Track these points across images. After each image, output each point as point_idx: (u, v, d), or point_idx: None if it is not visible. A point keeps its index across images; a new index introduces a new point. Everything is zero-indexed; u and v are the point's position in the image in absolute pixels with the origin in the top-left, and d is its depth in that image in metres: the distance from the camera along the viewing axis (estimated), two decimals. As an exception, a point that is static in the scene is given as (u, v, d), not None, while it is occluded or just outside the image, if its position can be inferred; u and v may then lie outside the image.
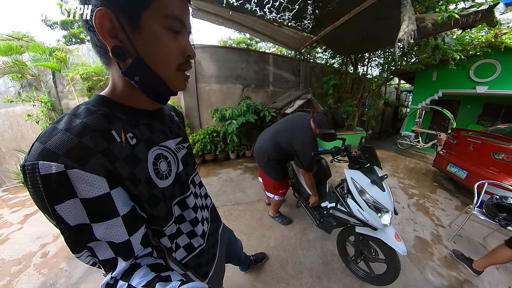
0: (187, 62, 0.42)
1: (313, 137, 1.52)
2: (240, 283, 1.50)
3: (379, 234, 1.27)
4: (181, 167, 0.53)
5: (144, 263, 0.39)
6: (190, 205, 0.55)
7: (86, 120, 0.35)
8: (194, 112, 4.31)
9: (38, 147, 0.31)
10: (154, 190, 0.42)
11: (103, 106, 0.39)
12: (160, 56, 0.38)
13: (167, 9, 0.36)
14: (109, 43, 0.34)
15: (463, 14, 2.31)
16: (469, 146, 2.86)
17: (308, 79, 5.44)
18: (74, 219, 0.32)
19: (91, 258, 0.37)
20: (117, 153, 0.36)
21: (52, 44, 3.89)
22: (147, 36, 0.36)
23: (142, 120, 0.44)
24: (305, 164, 1.54)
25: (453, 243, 1.90)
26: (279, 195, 1.90)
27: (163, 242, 0.48)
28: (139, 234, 0.40)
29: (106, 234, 0.35)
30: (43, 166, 0.29)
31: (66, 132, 0.32)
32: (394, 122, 9.19)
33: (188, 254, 0.55)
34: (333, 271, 1.59)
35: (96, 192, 0.33)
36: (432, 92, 5.42)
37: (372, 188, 1.26)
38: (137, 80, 0.38)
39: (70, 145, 0.31)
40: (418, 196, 2.84)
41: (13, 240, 2.18)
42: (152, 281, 0.35)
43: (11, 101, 3.70)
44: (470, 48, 4.11)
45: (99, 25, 0.33)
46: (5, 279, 1.67)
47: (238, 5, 3.09)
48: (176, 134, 0.55)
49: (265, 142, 1.74)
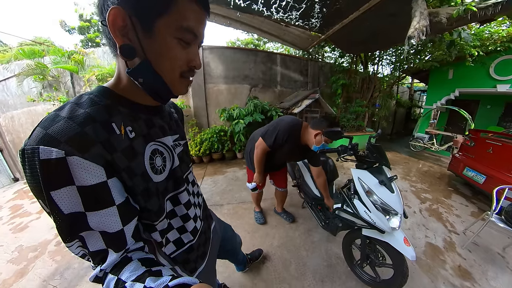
0: (191, 71, 0.43)
1: (292, 128, 1.46)
2: (242, 281, 1.50)
3: (386, 238, 1.23)
4: (177, 163, 0.53)
5: (135, 257, 0.39)
6: (182, 201, 0.55)
7: (88, 110, 0.35)
8: (203, 111, 4.39)
9: (40, 132, 0.31)
10: (149, 184, 0.43)
11: (106, 97, 0.39)
12: (167, 62, 0.38)
13: (183, 21, 0.36)
14: (118, 41, 0.35)
15: (481, 7, 2.18)
16: (488, 148, 2.70)
17: (316, 79, 5.36)
18: (69, 206, 0.32)
19: (81, 249, 0.37)
20: (116, 145, 0.37)
21: (70, 48, 4.13)
22: (157, 42, 0.36)
23: (142, 115, 0.45)
24: (265, 136, 1.49)
25: (468, 251, 1.78)
26: (248, 181, 1.84)
27: (154, 236, 0.48)
28: (132, 225, 0.40)
29: (100, 223, 0.35)
30: (44, 151, 0.30)
31: (69, 120, 0.33)
32: (407, 123, 8.84)
33: (177, 249, 0.55)
34: (337, 275, 1.55)
35: (93, 180, 0.33)
36: (448, 91, 5.14)
37: (380, 189, 1.21)
38: (141, 81, 0.39)
39: (72, 133, 0.32)
40: (431, 201, 2.71)
41: (31, 228, 2.34)
42: (143, 275, 0.34)
43: (33, 100, 3.96)
44: (490, 44, 3.86)
45: (111, 22, 0.33)
46: (22, 263, 1.81)
47: (245, 6, 3.11)
48: (174, 131, 0.56)
49: (255, 135, 1.74)
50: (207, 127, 4.41)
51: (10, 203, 3.15)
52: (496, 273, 1.57)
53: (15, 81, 3.92)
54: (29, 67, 3.72)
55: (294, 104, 4.16)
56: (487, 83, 4.41)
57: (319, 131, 1.38)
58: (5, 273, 1.70)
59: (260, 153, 1.54)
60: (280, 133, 1.44)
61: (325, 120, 1.38)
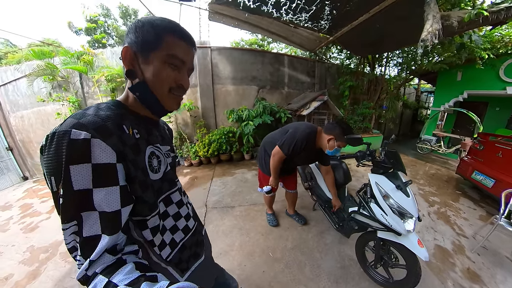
0: (179, 88, 0.53)
1: (308, 136, 1.50)
2: (258, 283, 1.53)
3: (402, 240, 1.25)
4: (169, 167, 0.63)
5: (130, 260, 0.41)
6: (174, 200, 0.64)
7: (108, 113, 0.46)
8: (211, 112, 4.42)
9: (72, 121, 0.40)
10: (146, 178, 0.51)
11: (118, 107, 0.51)
12: (157, 81, 0.50)
13: (169, 51, 0.49)
14: (126, 67, 0.49)
15: (493, 11, 2.17)
16: (497, 152, 2.69)
17: (323, 80, 5.36)
18: (80, 182, 0.38)
19: (74, 236, 0.38)
20: (126, 141, 0.46)
21: (78, 49, 4.16)
22: (151, 67, 0.49)
23: (143, 123, 0.56)
24: (282, 145, 1.54)
25: (477, 255, 1.80)
26: (260, 187, 1.91)
27: (144, 234, 0.52)
28: (127, 211, 0.45)
29: (103, 200, 0.40)
30: (75, 133, 0.38)
31: (95, 116, 0.43)
32: (413, 125, 8.77)
33: (172, 250, 0.59)
34: (351, 276, 1.57)
35: (107, 159, 0.41)
36: (456, 93, 5.11)
37: (397, 194, 1.24)
38: (137, 95, 0.52)
39: (97, 125, 0.41)
40: (439, 204, 2.71)
41: (42, 229, 2.38)
42: (138, 280, 0.35)
43: (43, 100, 4.02)
44: (500, 46, 3.84)
45: (123, 56, 0.49)
46: (34, 265, 1.82)
47: (255, 8, 3.12)
48: (167, 143, 0.68)
49: (269, 140, 1.78)
50: (215, 128, 4.44)
51: (20, 202, 3.21)
52: (505, 276, 1.58)
53: (26, 82, 3.98)
54: (39, 67, 3.77)
55: (302, 106, 4.18)
56: (496, 85, 4.38)
57: (331, 136, 1.41)
58: (17, 275, 1.71)
59: (277, 161, 1.60)
60: (298, 142, 1.49)
61: (338, 126, 1.40)
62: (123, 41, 0.53)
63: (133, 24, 0.50)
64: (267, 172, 1.76)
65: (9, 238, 2.25)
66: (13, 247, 2.08)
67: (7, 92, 4.48)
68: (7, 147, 4.53)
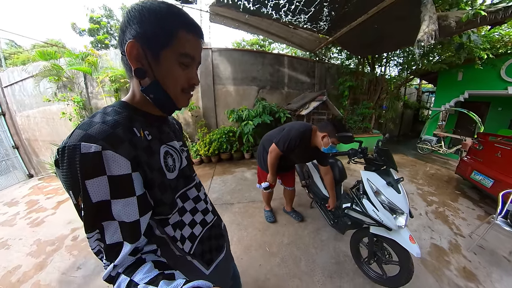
0: (191, 87, 0.52)
1: (303, 134, 1.55)
2: (254, 275, 1.58)
3: (393, 235, 1.29)
4: (185, 163, 0.62)
5: (149, 259, 0.43)
6: (191, 196, 0.63)
7: (116, 117, 0.44)
8: (211, 112, 4.49)
9: (81, 133, 0.38)
10: (164, 179, 0.51)
11: (126, 109, 0.49)
12: (171, 82, 0.48)
13: (182, 50, 0.46)
14: (134, 65, 0.45)
15: (491, 11, 2.18)
16: (497, 152, 2.69)
17: (323, 81, 5.39)
18: (98, 195, 0.38)
19: (98, 242, 0.40)
20: (138, 145, 0.45)
21: (80, 49, 4.27)
22: (164, 66, 0.46)
23: (154, 123, 0.54)
24: (278, 142, 1.60)
25: (473, 254, 1.81)
26: (260, 182, 1.99)
27: (167, 231, 0.53)
28: (146, 218, 0.45)
29: (121, 211, 0.40)
30: (85, 146, 0.37)
31: (102, 124, 0.41)
32: (414, 125, 8.73)
33: (192, 244, 0.60)
34: (345, 271, 1.61)
35: (121, 171, 0.40)
36: (457, 93, 5.09)
37: (388, 190, 1.28)
38: (152, 96, 0.49)
39: (106, 134, 0.39)
40: (437, 204, 2.73)
41: (48, 223, 2.45)
42: (156, 278, 0.37)
43: (48, 100, 4.13)
44: (500, 46, 3.83)
45: (128, 52, 0.43)
46: (41, 257, 1.90)
47: (254, 9, 3.18)
48: (179, 138, 0.66)
49: (267, 138, 1.85)
50: (215, 128, 4.50)
51: (26, 198, 3.31)
52: (501, 276, 1.59)
53: (32, 82, 4.09)
54: (45, 68, 3.88)
55: (301, 106, 4.21)
56: (498, 85, 4.36)
57: (325, 134, 1.46)
58: (25, 266, 1.79)
59: (274, 158, 1.67)
60: (292, 140, 1.55)
61: (330, 124, 1.45)
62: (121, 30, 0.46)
63: (135, 12, 0.44)
64: (265, 169, 1.82)
65: (17, 232, 2.33)
66: (20, 240, 2.16)
67: (14, 92, 4.61)
68: (13, 146, 4.66)
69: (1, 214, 2.78)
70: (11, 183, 4.22)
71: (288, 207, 2.27)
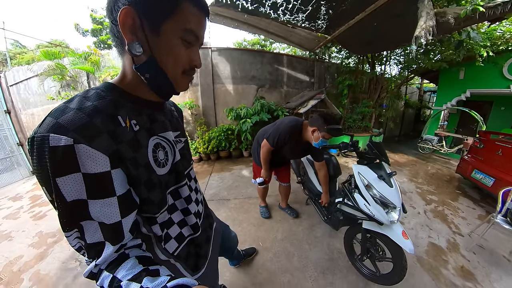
0: (192, 69, 0.46)
1: (293, 129, 1.56)
2: (247, 269, 1.58)
3: (385, 231, 1.27)
4: (178, 157, 0.55)
5: (132, 255, 0.39)
6: (183, 195, 0.57)
7: (96, 103, 0.37)
8: (211, 111, 4.52)
9: (50, 121, 0.32)
10: (152, 175, 0.44)
11: (112, 92, 0.42)
12: (171, 60, 0.41)
13: (187, 24, 0.40)
14: (128, 38, 0.38)
15: (489, 6, 2.15)
16: (497, 150, 2.65)
17: (323, 79, 5.38)
18: (72, 193, 0.33)
19: (79, 240, 0.37)
20: (121, 136, 0.39)
21: (83, 49, 4.35)
22: (163, 41, 0.39)
23: (145, 110, 0.47)
24: (268, 137, 1.61)
25: (472, 254, 1.78)
26: (254, 178, 2.00)
27: (154, 229, 0.48)
28: (130, 219, 0.40)
29: (100, 212, 0.36)
30: (53, 138, 0.31)
31: (78, 111, 0.34)
32: (416, 125, 8.64)
33: (179, 244, 0.55)
34: (338, 268, 1.60)
35: (98, 168, 0.34)
36: (458, 92, 5.02)
37: (379, 184, 1.27)
38: (147, 76, 0.42)
39: (80, 123, 0.33)
40: (436, 203, 2.69)
41: (49, 217, 2.52)
42: (140, 274, 0.34)
43: (52, 98, 4.22)
44: (501, 43, 3.76)
45: (122, 20, 0.36)
46: (42, 247, 1.97)
47: (252, 9, 3.21)
48: (175, 128, 0.58)
49: (261, 134, 1.86)
50: (215, 126, 4.53)
51: (29, 194, 3.38)
52: (500, 275, 1.56)
53: (37, 81, 4.20)
54: (49, 67, 3.97)
55: (300, 104, 4.21)
56: (500, 83, 4.29)
57: (315, 128, 1.46)
58: (26, 256, 1.85)
59: (266, 153, 1.68)
60: (282, 135, 1.56)
61: (320, 117, 1.45)
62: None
63: None
64: (260, 164, 1.83)
65: (20, 225, 2.40)
66: (23, 232, 2.23)
67: (19, 90, 4.72)
68: (18, 143, 4.76)
69: (6, 208, 2.87)
70: (15, 179, 4.32)
71: (284, 204, 2.27)
